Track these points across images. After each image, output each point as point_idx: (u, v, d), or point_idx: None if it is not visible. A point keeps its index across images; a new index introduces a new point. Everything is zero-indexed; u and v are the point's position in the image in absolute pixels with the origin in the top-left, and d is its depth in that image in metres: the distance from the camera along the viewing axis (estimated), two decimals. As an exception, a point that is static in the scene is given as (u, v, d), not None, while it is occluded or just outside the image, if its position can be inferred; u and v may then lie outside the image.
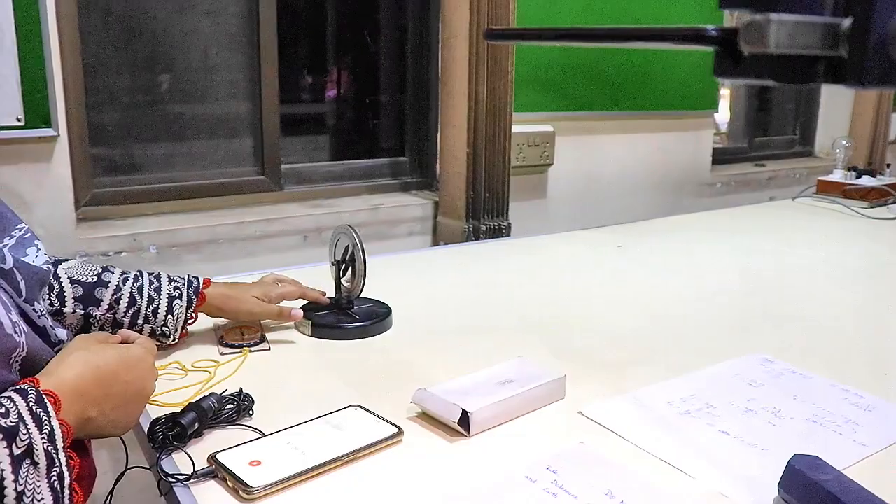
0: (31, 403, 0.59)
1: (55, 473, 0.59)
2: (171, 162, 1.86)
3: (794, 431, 0.82)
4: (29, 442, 0.57)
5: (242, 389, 0.82)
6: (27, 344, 0.68)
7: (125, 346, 0.75)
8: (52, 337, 0.75)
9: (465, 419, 0.78)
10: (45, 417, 0.60)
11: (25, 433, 0.57)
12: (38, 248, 0.80)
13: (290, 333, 1.06)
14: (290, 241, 1.86)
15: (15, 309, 0.69)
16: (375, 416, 0.80)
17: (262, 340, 1.01)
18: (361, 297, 1.10)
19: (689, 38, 0.41)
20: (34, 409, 0.59)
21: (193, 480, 0.69)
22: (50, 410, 0.60)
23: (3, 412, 0.57)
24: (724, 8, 0.42)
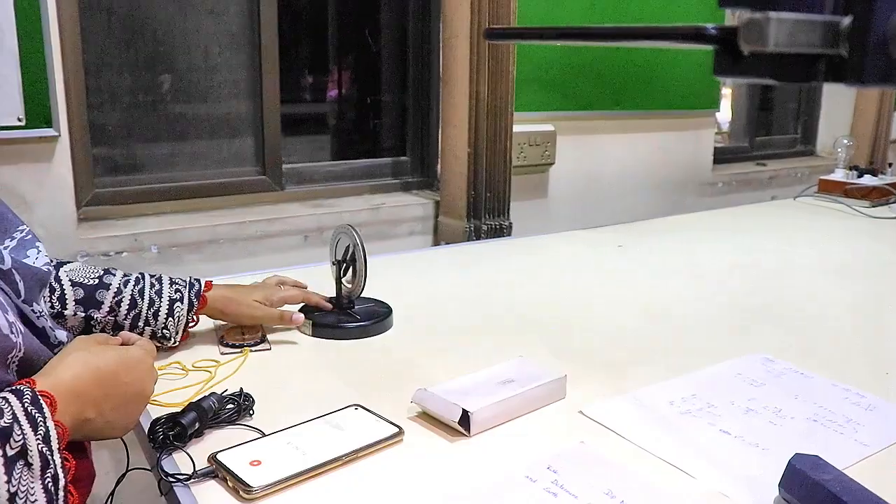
0: (26, 404, 0.59)
1: (50, 475, 0.58)
2: (172, 162, 1.86)
3: (794, 431, 0.82)
4: (23, 443, 0.57)
5: (243, 389, 0.82)
6: (24, 344, 0.68)
7: (125, 347, 0.75)
8: (51, 338, 0.75)
9: (465, 419, 0.78)
10: (40, 418, 0.59)
11: (20, 434, 0.57)
12: (38, 249, 0.80)
13: (290, 333, 1.06)
14: (291, 240, 1.86)
15: (13, 309, 0.69)
16: (376, 415, 0.80)
17: (262, 340, 1.01)
18: (362, 296, 1.10)
19: (688, 36, 0.41)
20: (29, 409, 0.59)
21: (194, 480, 0.69)
22: (45, 411, 0.60)
23: None
24: (723, 6, 0.41)
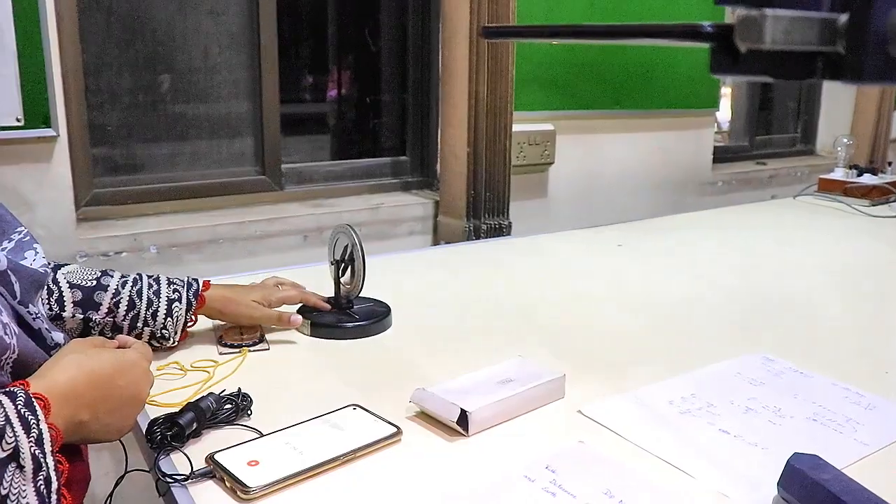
0: (19, 406, 0.59)
1: (42, 477, 0.58)
2: (171, 162, 1.86)
3: (794, 430, 0.82)
4: (15, 445, 0.57)
5: (241, 389, 0.82)
6: (19, 346, 0.68)
7: (121, 350, 0.74)
8: (47, 340, 0.75)
9: (463, 418, 0.78)
10: (33, 421, 0.59)
11: (12, 436, 0.57)
12: (36, 251, 0.80)
13: (289, 333, 1.06)
14: (290, 240, 1.86)
15: (8, 311, 0.69)
16: (374, 415, 0.80)
17: (261, 340, 1.01)
18: (361, 296, 1.10)
19: (684, 34, 0.41)
20: (22, 412, 0.59)
21: (191, 481, 0.69)
22: (39, 413, 0.60)
23: None
24: (720, 4, 0.41)
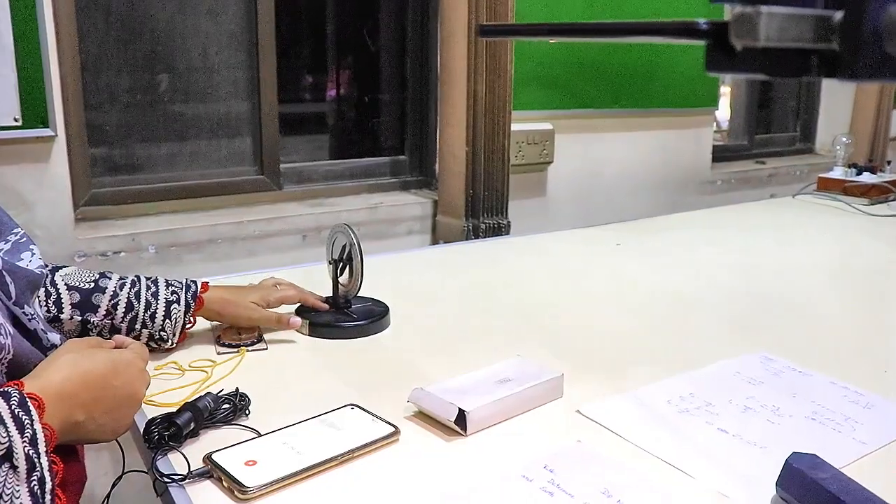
0: (13, 406, 0.59)
1: (36, 478, 0.58)
2: (170, 161, 1.85)
3: (793, 429, 0.81)
4: (8, 445, 0.57)
5: (239, 389, 0.82)
6: (13, 347, 0.67)
7: (116, 350, 0.74)
8: (43, 341, 0.75)
9: (461, 418, 0.77)
10: (27, 421, 0.59)
11: (5, 436, 0.57)
12: (32, 252, 0.80)
13: (287, 333, 1.05)
14: (289, 240, 1.86)
15: (3, 311, 0.69)
16: (372, 415, 0.80)
17: (259, 340, 1.01)
18: (359, 295, 1.10)
19: (679, 32, 0.41)
20: (16, 412, 0.59)
21: (189, 480, 0.69)
22: (33, 414, 0.60)
23: None
24: (716, 2, 0.41)
